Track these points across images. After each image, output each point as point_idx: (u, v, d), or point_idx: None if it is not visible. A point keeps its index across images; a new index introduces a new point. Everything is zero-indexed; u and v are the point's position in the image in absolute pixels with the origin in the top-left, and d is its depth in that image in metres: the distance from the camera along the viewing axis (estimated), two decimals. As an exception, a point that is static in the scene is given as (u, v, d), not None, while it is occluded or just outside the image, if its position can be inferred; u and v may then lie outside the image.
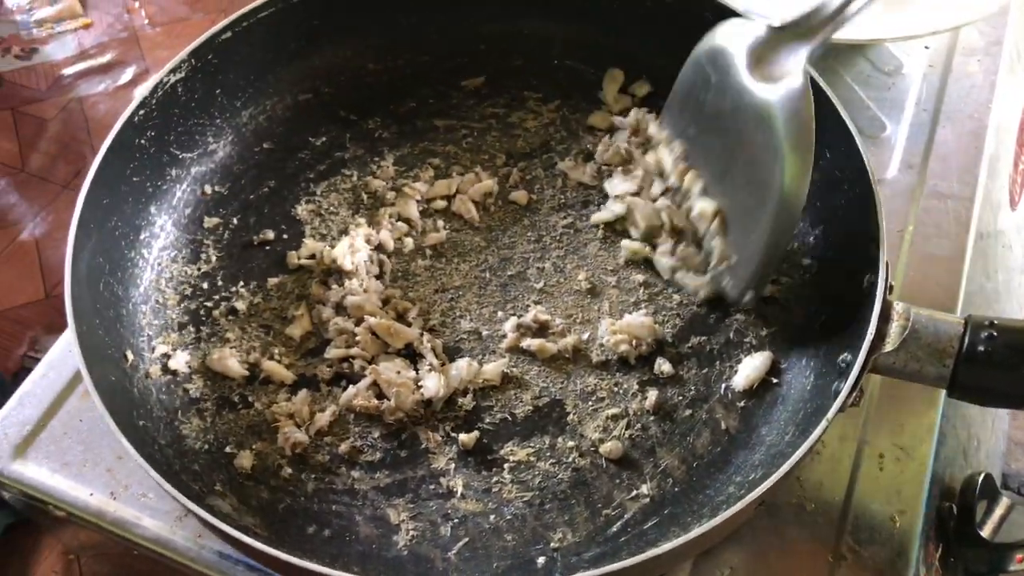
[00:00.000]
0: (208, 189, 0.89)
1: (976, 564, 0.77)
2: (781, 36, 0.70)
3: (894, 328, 0.66)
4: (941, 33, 0.98)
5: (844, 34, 0.97)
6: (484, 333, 0.82)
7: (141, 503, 0.76)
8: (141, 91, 0.82)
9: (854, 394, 0.65)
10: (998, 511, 0.77)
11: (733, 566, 0.72)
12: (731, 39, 0.73)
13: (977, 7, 0.98)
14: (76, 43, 2.32)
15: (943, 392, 0.79)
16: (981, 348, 0.63)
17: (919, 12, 1.00)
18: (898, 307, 0.67)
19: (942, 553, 0.76)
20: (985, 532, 0.75)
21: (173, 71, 0.83)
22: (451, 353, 0.80)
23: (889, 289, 0.68)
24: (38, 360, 0.85)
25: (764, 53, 0.71)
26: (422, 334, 0.79)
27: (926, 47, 1.07)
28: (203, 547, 0.74)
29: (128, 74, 2.24)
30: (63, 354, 0.84)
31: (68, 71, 2.25)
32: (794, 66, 0.69)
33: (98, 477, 0.77)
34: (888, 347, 0.65)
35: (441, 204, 0.90)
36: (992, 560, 0.75)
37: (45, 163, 2.05)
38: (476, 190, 0.90)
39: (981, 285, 0.92)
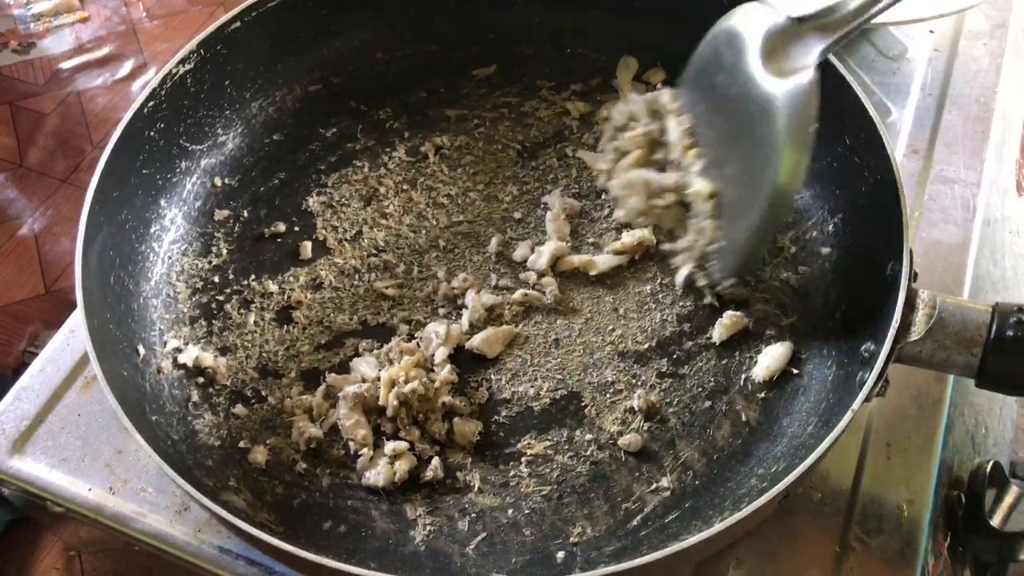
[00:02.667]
0: (218, 181, 0.88)
1: (985, 553, 0.76)
2: (799, 29, 0.68)
3: (920, 317, 0.65)
4: (946, 16, 0.96)
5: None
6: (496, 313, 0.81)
7: (140, 498, 0.75)
8: (150, 83, 0.80)
9: (879, 384, 0.63)
10: (1008, 499, 0.75)
11: (739, 557, 0.71)
12: (749, 24, 0.71)
13: (982, -10, 0.96)
14: (74, 37, 2.31)
15: (950, 379, 0.78)
16: (1010, 334, 0.62)
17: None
18: (923, 295, 0.66)
19: (951, 542, 0.75)
20: (995, 521, 0.73)
21: (182, 62, 0.82)
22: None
23: (913, 277, 0.66)
24: (37, 355, 0.84)
25: (779, 43, 0.68)
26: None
27: (931, 31, 1.05)
28: (203, 541, 0.73)
29: (126, 68, 2.22)
30: (61, 348, 0.83)
31: (66, 65, 2.24)
32: (806, 61, 0.67)
33: (97, 472, 0.76)
34: (914, 336, 0.64)
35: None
36: (1002, 549, 0.74)
37: (43, 158, 2.04)
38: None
39: (988, 271, 0.91)
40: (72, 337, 0.84)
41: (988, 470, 0.76)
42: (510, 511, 0.71)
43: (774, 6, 0.70)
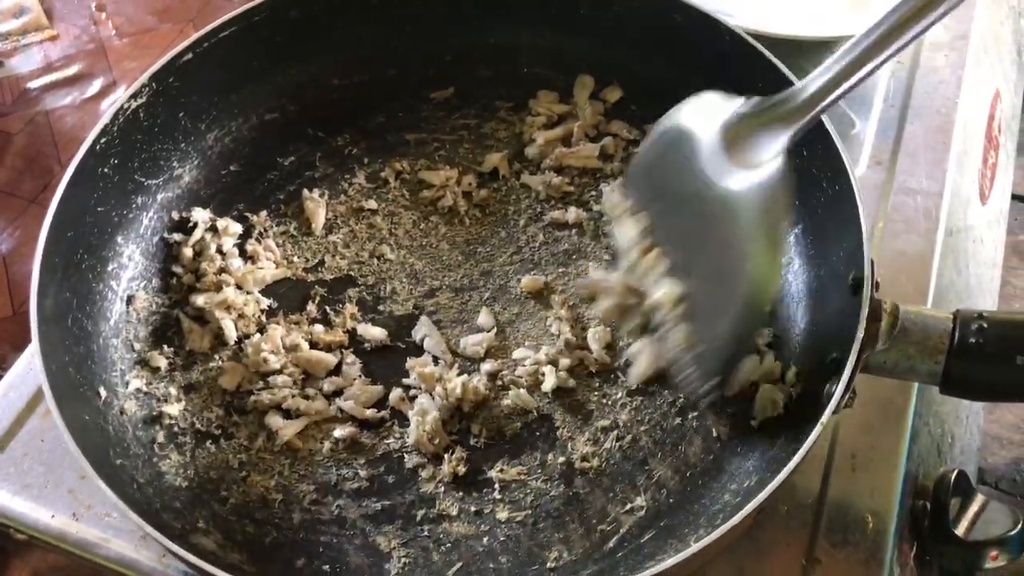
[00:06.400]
0: (176, 215, 0.86)
1: (951, 562, 0.76)
2: (759, 119, 0.62)
3: (883, 327, 0.65)
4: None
5: (811, 31, 0.98)
6: (468, 352, 0.80)
7: (104, 523, 0.73)
8: (105, 115, 0.79)
9: (847, 396, 0.64)
10: (972, 508, 0.76)
11: (707, 572, 0.70)
12: (701, 119, 0.65)
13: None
14: (42, 56, 2.28)
15: (914, 390, 0.79)
16: (972, 341, 0.62)
17: (885, 8, 0.99)
18: (886, 305, 0.66)
19: (917, 552, 0.75)
20: (959, 530, 0.74)
21: (134, 96, 0.81)
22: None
23: (875, 286, 0.67)
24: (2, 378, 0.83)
25: (738, 137, 0.62)
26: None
27: (893, 43, 1.07)
28: (168, 566, 0.72)
29: (96, 86, 2.20)
30: (23, 374, 0.82)
31: (34, 84, 2.22)
32: (768, 154, 0.61)
33: (60, 498, 0.75)
34: (879, 346, 0.65)
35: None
36: (966, 558, 0.74)
37: (11, 178, 2.02)
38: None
39: (952, 280, 0.92)
40: (35, 362, 0.82)
41: (952, 479, 0.76)
42: (485, 539, 0.70)
43: (727, 96, 0.65)
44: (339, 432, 0.74)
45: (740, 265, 0.62)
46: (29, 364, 0.82)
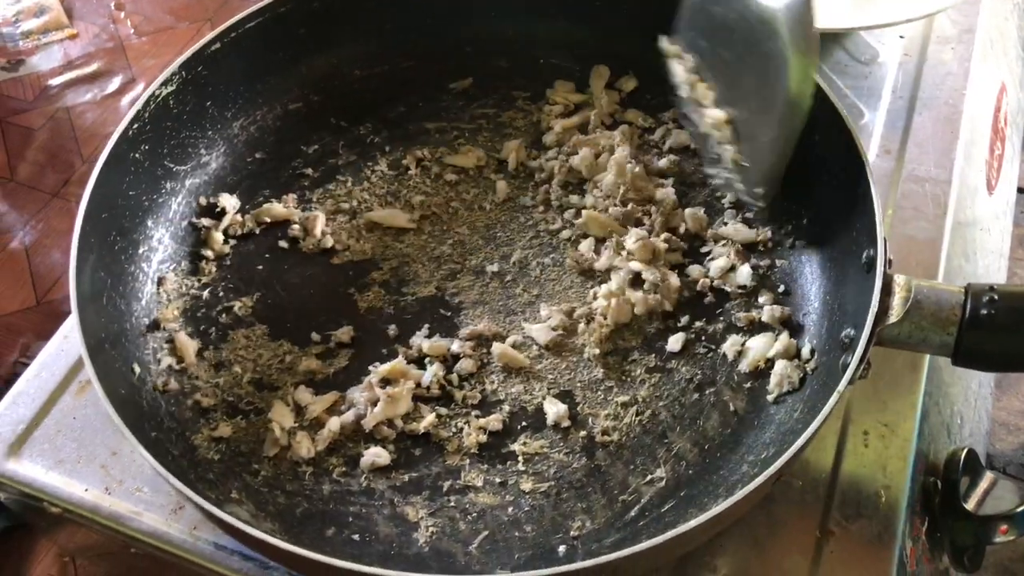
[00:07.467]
0: (203, 201, 0.88)
1: (962, 536, 0.78)
2: None
3: (896, 300, 0.67)
4: (915, 21, 1.00)
5: (817, 23, 1.00)
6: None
7: (135, 497, 0.75)
8: (137, 100, 0.82)
9: (862, 367, 0.66)
10: (982, 485, 0.78)
11: (724, 544, 0.72)
12: None
13: (948, -5, 1.00)
14: (62, 53, 2.33)
15: (924, 370, 0.81)
16: (984, 312, 0.64)
17: (893, 1, 1.02)
18: (899, 280, 0.68)
19: (928, 527, 0.77)
20: (970, 505, 0.76)
21: (165, 83, 0.83)
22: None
23: (888, 263, 0.69)
24: (29, 366, 0.85)
25: None
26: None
27: (901, 36, 1.09)
28: (198, 539, 0.73)
29: (115, 83, 2.25)
30: (56, 353, 0.84)
31: (55, 81, 2.27)
32: None
33: (92, 473, 0.77)
34: (892, 319, 0.67)
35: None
36: (977, 532, 0.76)
37: (34, 172, 2.07)
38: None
39: (960, 266, 0.94)
40: (66, 343, 0.85)
41: (962, 457, 0.78)
42: (510, 509, 0.72)
43: None
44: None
45: (779, 78, 0.70)
46: (60, 345, 0.84)
